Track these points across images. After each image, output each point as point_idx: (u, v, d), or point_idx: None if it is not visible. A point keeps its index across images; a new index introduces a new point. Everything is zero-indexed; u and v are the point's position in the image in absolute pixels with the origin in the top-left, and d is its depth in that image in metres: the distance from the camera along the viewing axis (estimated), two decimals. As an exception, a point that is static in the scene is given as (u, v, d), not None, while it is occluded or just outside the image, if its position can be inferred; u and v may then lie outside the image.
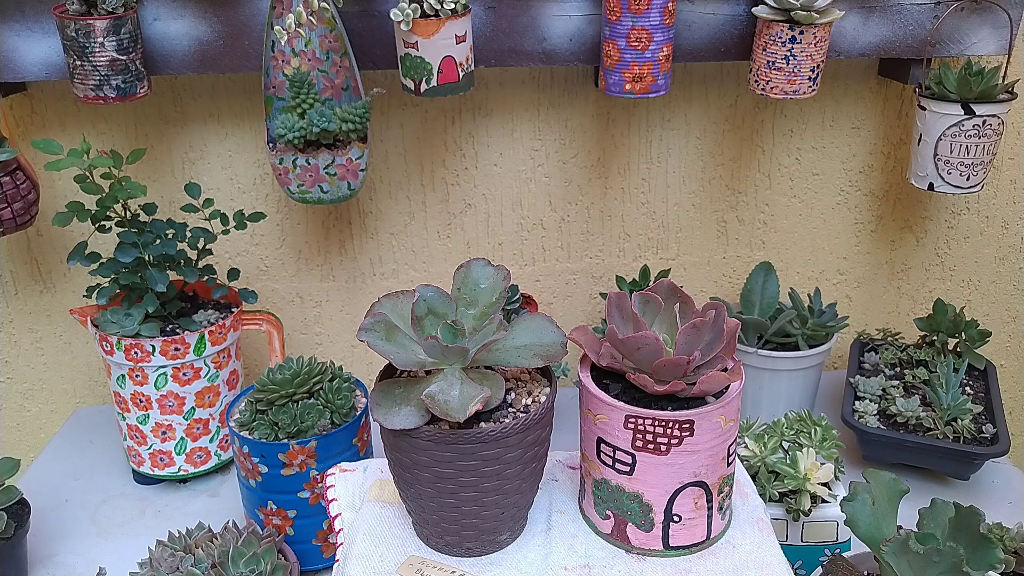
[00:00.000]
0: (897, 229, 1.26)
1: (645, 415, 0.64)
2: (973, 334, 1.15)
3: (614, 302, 0.69)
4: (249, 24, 1.00)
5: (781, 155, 1.21)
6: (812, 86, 1.00)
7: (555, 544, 0.70)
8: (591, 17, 1.03)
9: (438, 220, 1.20)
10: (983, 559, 0.64)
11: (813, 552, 0.87)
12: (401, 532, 0.72)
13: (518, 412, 0.66)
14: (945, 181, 1.06)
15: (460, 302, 0.67)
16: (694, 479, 0.66)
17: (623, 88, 0.99)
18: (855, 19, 1.04)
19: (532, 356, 0.67)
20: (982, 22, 1.06)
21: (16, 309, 1.20)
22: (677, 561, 0.68)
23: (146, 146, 1.12)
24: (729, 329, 0.67)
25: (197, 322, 1.03)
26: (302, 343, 1.26)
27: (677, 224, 1.23)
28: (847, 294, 1.30)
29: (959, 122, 1.02)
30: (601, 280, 1.26)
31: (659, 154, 1.19)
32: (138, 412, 1.03)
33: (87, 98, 0.96)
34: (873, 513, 0.70)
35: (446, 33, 0.93)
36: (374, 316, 0.65)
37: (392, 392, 0.66)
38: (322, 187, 1.01)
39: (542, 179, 1.19)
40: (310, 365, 0.96)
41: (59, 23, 0.92)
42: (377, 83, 1.07)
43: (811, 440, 0.90)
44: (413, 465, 0.65)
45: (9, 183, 0.98)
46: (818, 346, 1.11)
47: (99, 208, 0.98)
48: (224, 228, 1.04)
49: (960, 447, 0.99)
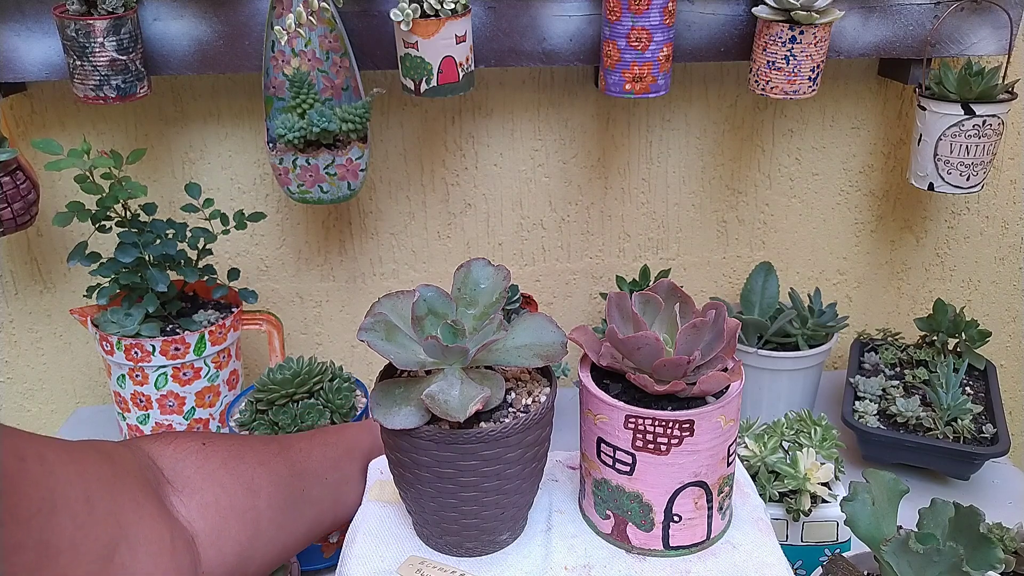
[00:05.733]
0: (897, 229, 1.26)
1: (645, 415, 0.64)
2: (973, 334, 1.15)
3: (614, 302, 0.69)
4: (249, 24, 1.00)
5: (781, 155, 1.21)
6: (812, 86, 1.00)
7: (555, 544, 0.70)
8: (591, 17, 1.03)
9: (438, 220, 1.20)
10: (983, 559, 0.64)
11: (813, 552, 0.87)
12: (401, 532, 0.72)
13: (518, 412, 0.66)
14: (945, 181, 1.07)
15: (460, 302, 0.67)
16: (694, 479, 0.66)
17: (623, 88, 0.99)
18: (855, 19, 1.05)
19: (532, 356, 0.67)
20: (982, 22, 1.06)
21: (16, 309, 1.20)
22: (677, 561, 0.68)
23: (146, 146, 1.12)
24: (729, 329, 0.67)
25: (197, 322, 1.03)
26: (302, 343, 1.26)
27: (677, 224, 1.24)
28: (847, 294, 1.30)
29: (959, 122, 1.02)
30: (601, 280, 1.26)
31: (659, 154, 1.19)
32: (138, 412, 1.03)
33: (87, 98, 0.96)
34: (873, 513, 0.70)
35: (446, 33, 0.93)
36: (374, 316, 0.65)
37: (392, 392, 0.66)
38: (322, 187, 1.01)
39: (542, 179, 1.19)
40: (310, 365, 0.96)
41: (59, 23, 0.92)
42: (377, 83, 1.07)
43: (811, 440, 0.90)
44: (413, 465, 0.65)
45: (9, 183, 0.98)
46: (818, 346, 1.11)
47: (99, 208, 0.98)
48: (224, 228, 1.04)
49: (960, 447, 1.00)
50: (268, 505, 0.68)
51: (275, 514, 0.68)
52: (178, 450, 0.64)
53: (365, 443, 0.82)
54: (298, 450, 0.75)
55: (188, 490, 0.62)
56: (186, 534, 0.60)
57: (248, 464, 0.68)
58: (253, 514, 0.66)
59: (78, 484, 0.51)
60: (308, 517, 0.73)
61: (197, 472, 0.64)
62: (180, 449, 0.64)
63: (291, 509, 0.70)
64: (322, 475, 0.75)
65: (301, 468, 0.73)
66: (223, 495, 0.64)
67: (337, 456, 0.78)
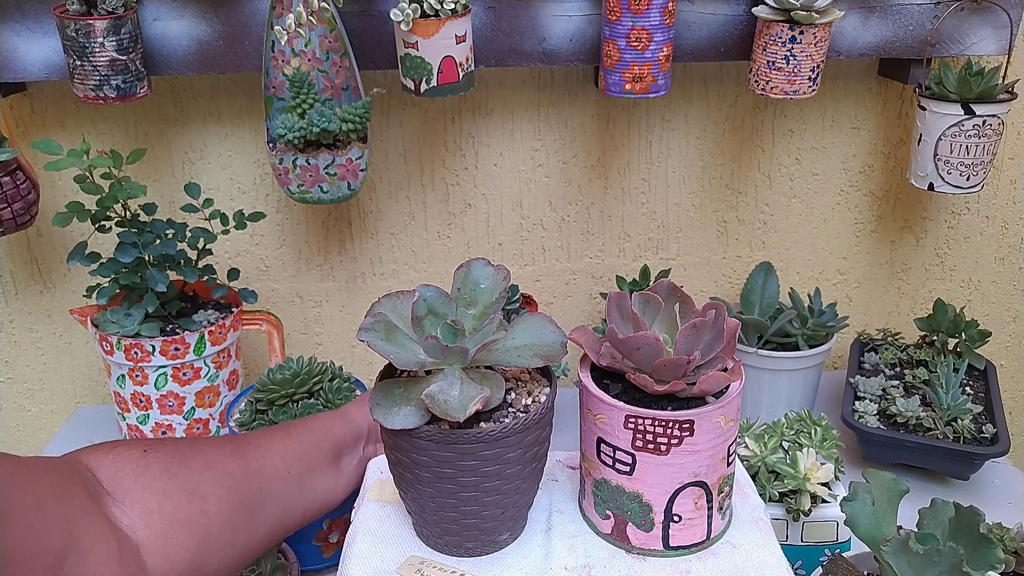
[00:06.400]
0: (897, 229, 1.26)
1: (645, 415, 0.64)
2: (973, 334, 1.15)
3: (614, 302, 0.69)
4: (249, 24, 1.00)
5: (781, 155, 1.21)
6: (812, 86, 1.00)
7: (555, 544, 0.70)
8: (591, 17, 1.03)
9: (438, 220, 1.20)
10: (983, 559, 0.64)
11: (813, 552, 0.87)
12: (401, 532, 0.72)
13: (518, 412, 0.66)
14: (945, 181, 1.07)
15: (460, 302, 0.67)
16: (694, 479, 0.66)
17: (623, 88, 0.99)
18: (855, 19, 1.04)
19: (532, 356, 0.67)
20: (982, 22, 1.06)
21: (16, 309, 1.20)
22: (677, 561, 0.68)
23: (146, 146, 1.12)
24: (729, 329, 0.67)
25: (197, 322, 1.03)
26: (302, 343, 1.26)
27: (677, 224, 1.24)
28: (847, 294, 1.30)
29: (959, 122, 1.02)
30: (601, 280, 1.26)
31: (659, 154, 1.19)
32: (138, 412, 1.03)
33: (87, 98, 0.96)
34: (873, 513, 0.70)
35: (446, 33, 0.93)
36: (374, 316, 0.65)
37: (392, 392, 0.66)
38: (322, 187, 1.01)
39: (542, 179, 1.19)
40: (310, 365, 0.96)
41: (59, 23, 0.92)
42: (377, 83, 1.07)
43: (811, 440, 0.90)
44: (413, 465, 0.65)
45: (9, 183, 0.98)
46: (818, 346, 1.11)
47: (99, 208, 0.98)
48: (224, 228, 1.04)
49: (960, 447, 1.00)
50: (219, 509, 0.67)
51: (228, 517, 0.67)
52: (117, 460, 0.64)
53: (337, 431, 0.80)
54: (254, 447, 0.74)
55: (129, 500, 0.61)
56: (131, 543, 0.59)
57: (193, 469, 0.67)
58: (202, 519, 0.65)
59: (30, 493, 0.51)
60: (270, 514, 0.72)
61: (137, 481, 0.63)
62: (119, 459, 0.64)
63: (246, 510, 0.69)
64: (284, 470, 0.74)
65: (258, 466, 0.72)
66: (166, 502, 0.63)
67: (302, 448, 0.76)
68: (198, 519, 0.65)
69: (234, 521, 0.68)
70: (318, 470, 0.77)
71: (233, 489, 0.69)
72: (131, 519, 0.61)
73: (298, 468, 0.75)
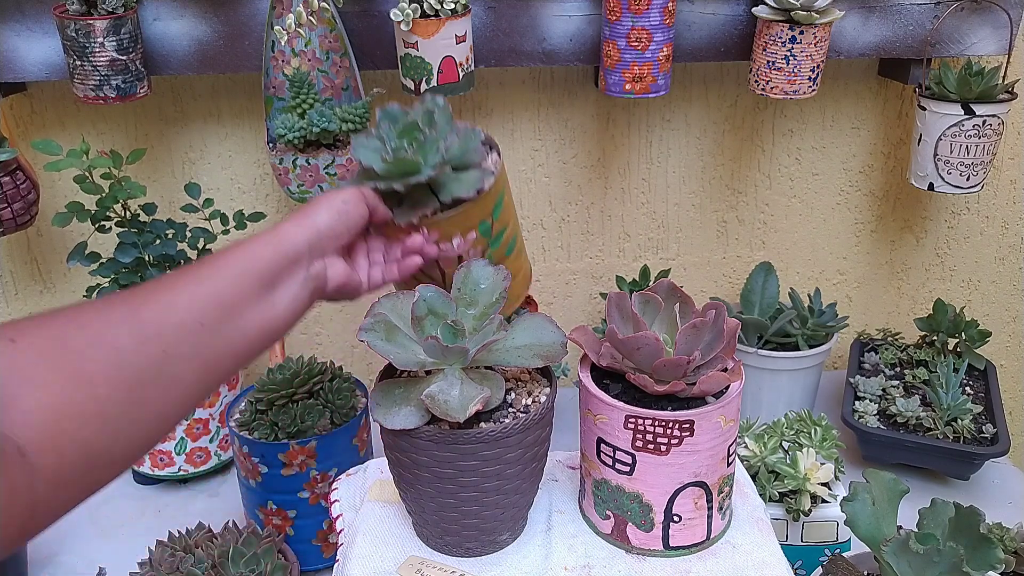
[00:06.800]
0: (897, 229, 1.26)
1: (645, 415, 0.64)
2: (973, 334, 1.15)
3: (614, 302, 0.69)
4: (249, 24, 1.00)
5: (781, 155, 1.21)
6: (812, 86, 1.00)
7: (555, 544, 0.70)
8: (591, 17, 1.03)
9: (438, 220, 1.20)
10: (983, 559, 0.64)
11: (813, 552, 0.87)
12: (401, 532, 0.72)
13: (518, 412, 0.66)
14: (945, 181, 1.07)
15: (460, 302, 0.67)
16: (694, 479, 0.66)
17: (623, 88, 0.99)
18: (855, 19, 1.04)
19: (532, 356, 0.67)
20: (982, 22, 1.06)
21: (16, 309, 1.20)
22: (677, 561, 0.68)
23: (146, 146, 1.12)
24: (729, 329, 0.67)
25: (197, 322, 1.02)
26: (302, 343, 1.26)
27: (677, 224, 1.23)
28: (847, 294, 1.30)
29: (959, 122, 1.02)
30: (601, 280, 1.26)
31: (659, 154, 1.19)
32: (138, 412, 1.03)
33: (87, 98, 0.96)
34: (873, 513, 0.70)
35: (446, 33, 0.93)
36: (374, 316, 0.65)
37: (392, 392, 0.66)
38: (322, 187, 1.01)
39: (542, 179, 1.19)
40: (310, 365, 0.96)
41: (59, 23, 0.92)
42: (377, 83, 1.07)
43: (811, 440, 0.90)
44: (413, 465, 0.65)
45: (9, 183, 0.98)
46: (818, 346, 1.11)
47: (99, 208, 0.98)
48: (224, 228, 1.04)
49: (960, 447, 1.00)
50: (111, 391, 0.58)
51: (125, 395, 0.59)
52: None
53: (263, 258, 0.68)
54: (152, 307, 0.63)
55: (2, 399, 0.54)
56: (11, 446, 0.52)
57: (74, 350, 0.58)
58: (93, 406, 0.57)
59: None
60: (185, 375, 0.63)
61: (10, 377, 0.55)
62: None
63: (149, 382, 0.61)
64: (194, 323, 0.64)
65: (155, 330, 0.62)
66: (45, 395, 0.55)
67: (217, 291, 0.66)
68: (89, 407, 0.57)
69: (134, 398, 0.60)
70: (244, 310, 0.66)
71: (126, 365, 0.60)
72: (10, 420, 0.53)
73: (215, 315, 0.64)
